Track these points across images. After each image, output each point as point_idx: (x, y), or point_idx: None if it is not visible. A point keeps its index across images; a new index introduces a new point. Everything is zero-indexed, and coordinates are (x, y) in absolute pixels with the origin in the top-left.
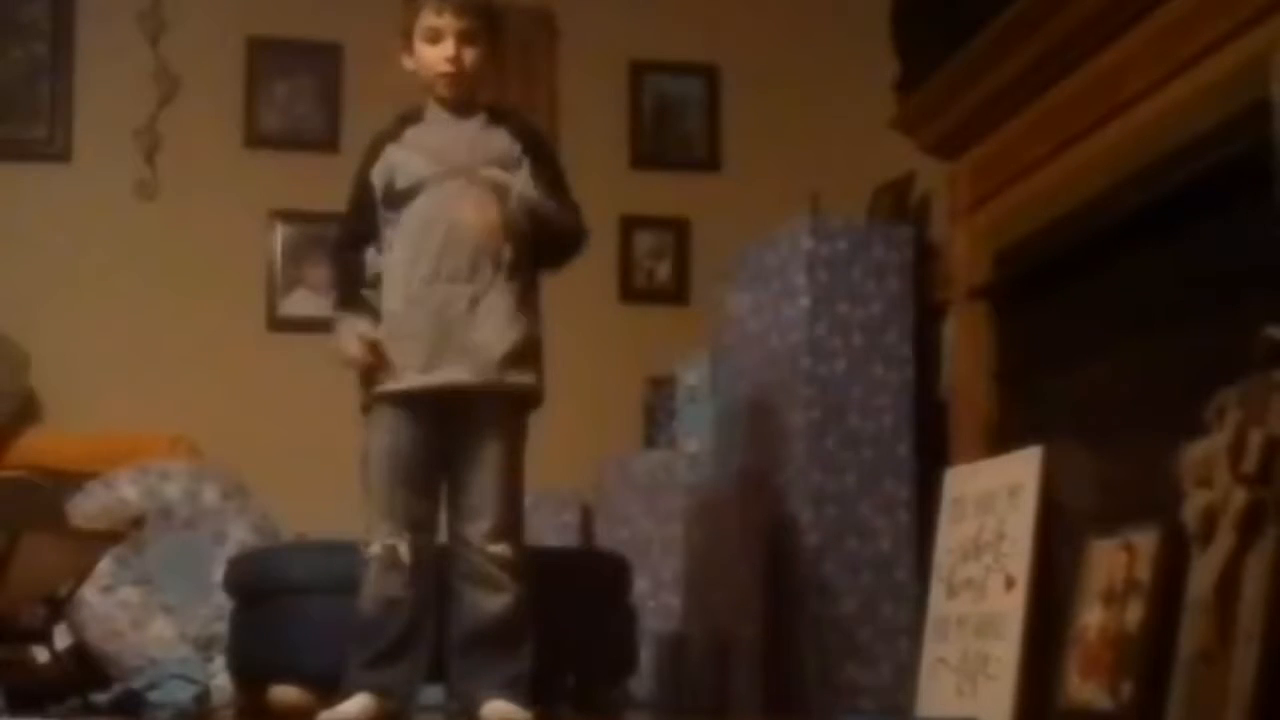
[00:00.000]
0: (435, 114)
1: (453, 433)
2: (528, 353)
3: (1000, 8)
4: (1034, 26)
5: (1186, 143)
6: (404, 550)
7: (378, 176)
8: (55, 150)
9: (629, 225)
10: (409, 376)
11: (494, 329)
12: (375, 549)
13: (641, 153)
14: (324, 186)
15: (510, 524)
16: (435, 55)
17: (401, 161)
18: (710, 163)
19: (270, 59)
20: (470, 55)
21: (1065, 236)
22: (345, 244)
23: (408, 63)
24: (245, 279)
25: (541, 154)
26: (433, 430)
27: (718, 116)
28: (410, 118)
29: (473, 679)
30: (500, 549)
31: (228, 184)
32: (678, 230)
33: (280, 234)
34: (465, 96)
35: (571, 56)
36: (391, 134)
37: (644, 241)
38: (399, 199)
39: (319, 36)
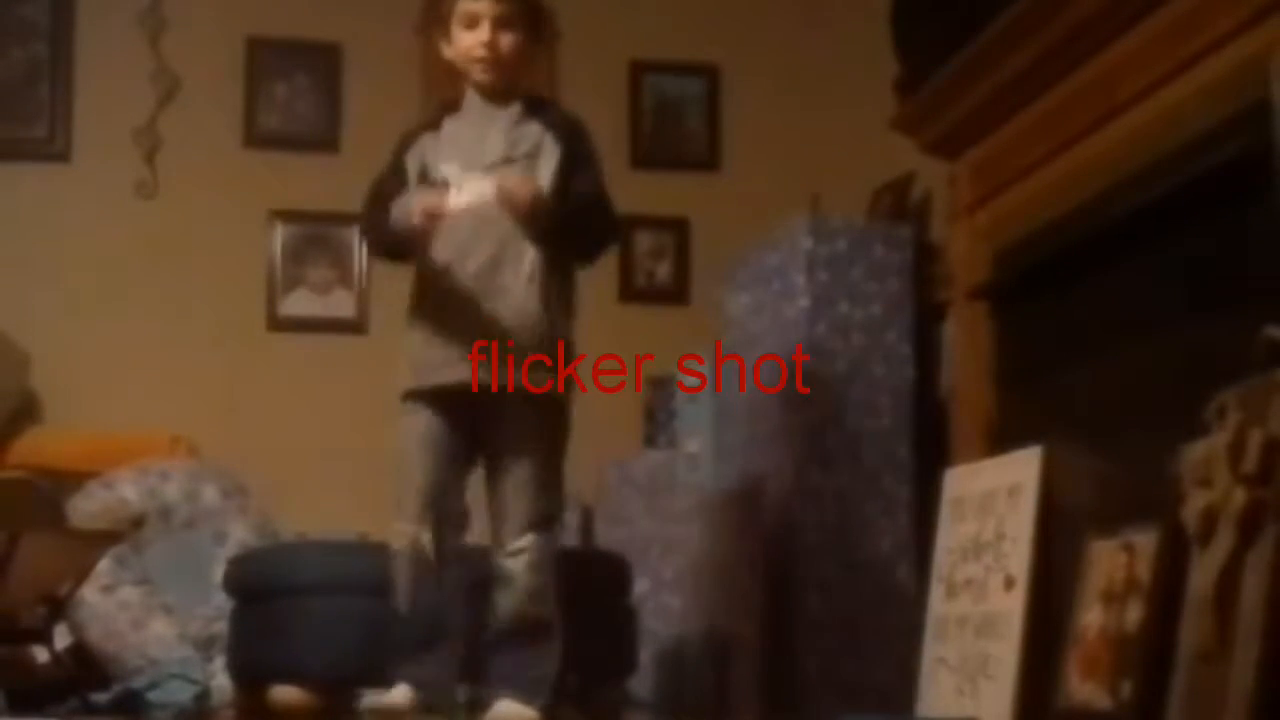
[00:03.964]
0: (472, 103)
1: (483, 431)
2: (546, 351)
3: (1000, 8)
4: (1034, 27)
5: (1186, 143)
6: (427, 542)
7: (412, 161)
8: (55, 150)
9: (629, 225)
10: (433, 373)
11: (514, 327)
12: (400, 542)
13: (641, 153)
14: (324, 186)
15: (533, 521)
16: (471, 40)
17: (434, 156)
18: (710, 163)
19: (270, 59)
20: (507, 41)
21: (1065, 236)
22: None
23: (445, 50)
24: (245, 279)
25: (576, 144)
26: (462, 427)
27: (718, 116)
28: (449, 106)
29: (494, 680)
30: (517, 545)
31: (228, 184)
32: (678, 230)
33: (280, 234)
34: (502, 84)
35: (571, 56)
36: (430, 123)
37: (644, 241)
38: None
39: (319, 36)
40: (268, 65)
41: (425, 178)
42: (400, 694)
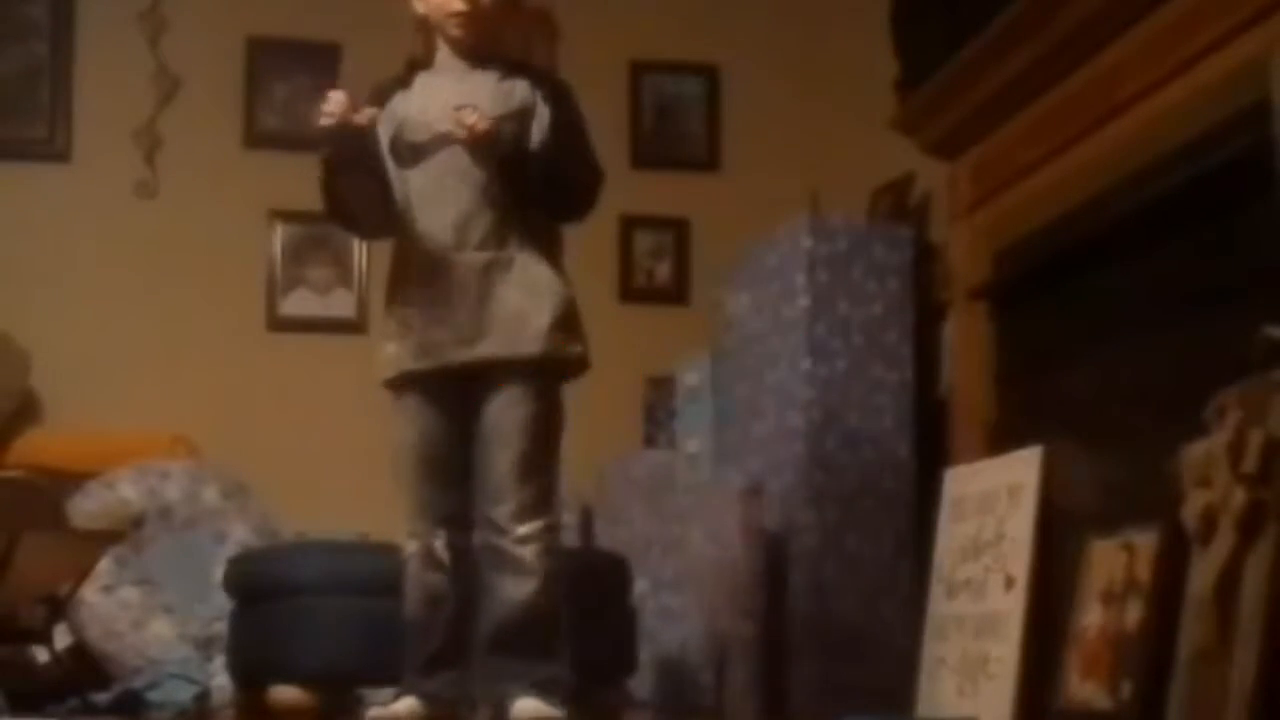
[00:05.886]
0: (447, 61)
1: (474, 408)
2: (562, 320)
3: (1000, 8)
4: (1034, 27)
5: (1186, 143)
6: (440, 547)
7: (384, 125)
8: (55, 150)
9: (629, 225)
10: (429, 356)
11: (514, 298)
12: (412, 546)
13: (641, 153)
14: None
15: (532, 503)
16: None
17: (406, 110)
18: (710, 163)
19: (270, 59)
20: None
21: (1065, 236)
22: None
23: (418, 6)
24: (245, 279)
25: (562, 100)
26: (453, 410)
27: (718, 116)
28: (418, 65)
29: (501, 678)
30: (524, 530)
31: (228, 184)
32: (678, 230)
33: (280, 234)
34: (477, 42)
35: (571, 56)
36: (401, 80)
37: (644, 241)
38: (408, 155)
39: (319, 36)
40: (268, 65)
41: (401, 134)
42: (406, 707)
